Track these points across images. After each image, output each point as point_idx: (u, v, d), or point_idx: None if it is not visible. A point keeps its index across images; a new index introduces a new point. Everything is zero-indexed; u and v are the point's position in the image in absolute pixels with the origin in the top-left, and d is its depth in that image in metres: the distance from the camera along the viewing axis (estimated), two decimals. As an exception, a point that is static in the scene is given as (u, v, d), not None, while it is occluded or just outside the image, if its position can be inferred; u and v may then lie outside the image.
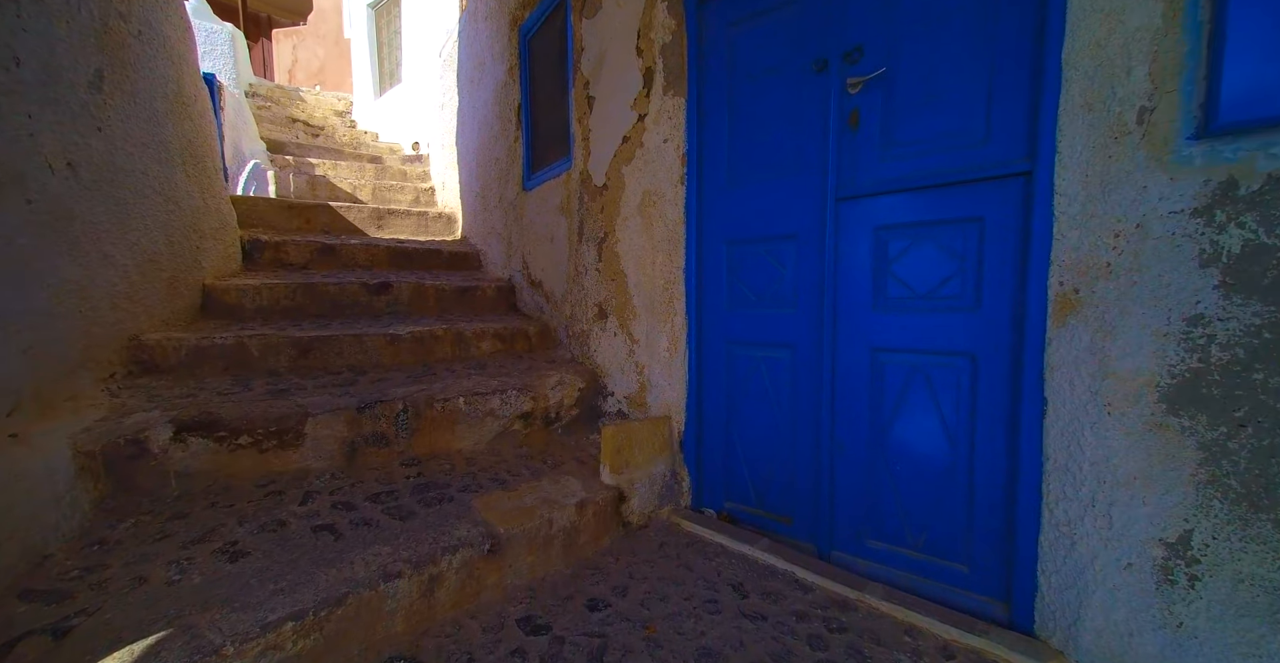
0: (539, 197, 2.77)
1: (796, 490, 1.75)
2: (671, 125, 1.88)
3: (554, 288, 2.68)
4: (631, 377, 2.13)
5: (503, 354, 2.53)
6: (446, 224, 4.19)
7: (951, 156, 1.39)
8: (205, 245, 2.45)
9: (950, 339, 1.42)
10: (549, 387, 2.12)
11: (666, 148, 1.90)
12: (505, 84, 3.09)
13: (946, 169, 1.39)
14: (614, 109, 2.11)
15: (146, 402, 1.63)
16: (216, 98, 4.16)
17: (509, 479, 1.76)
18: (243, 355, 2.01)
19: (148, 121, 2.04)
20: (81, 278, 1.63)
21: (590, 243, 2.30)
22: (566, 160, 2.51)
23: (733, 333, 1.86)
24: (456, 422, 1.91)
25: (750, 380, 1.84)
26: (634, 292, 2.09)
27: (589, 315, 2.35)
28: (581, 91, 2.28)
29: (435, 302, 2.86)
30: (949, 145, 1.39)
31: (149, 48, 2.07)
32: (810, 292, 1.67)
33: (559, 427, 2.15)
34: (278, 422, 1.62)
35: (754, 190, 1.77)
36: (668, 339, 1.98)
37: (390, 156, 5.96)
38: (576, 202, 2.39)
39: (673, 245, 1.93)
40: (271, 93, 7.56)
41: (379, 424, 1.77)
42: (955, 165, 1.38)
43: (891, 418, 1.54)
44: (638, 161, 2.01)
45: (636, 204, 2.04)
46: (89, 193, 1.70)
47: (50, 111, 1.56)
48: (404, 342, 2.28)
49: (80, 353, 1.60)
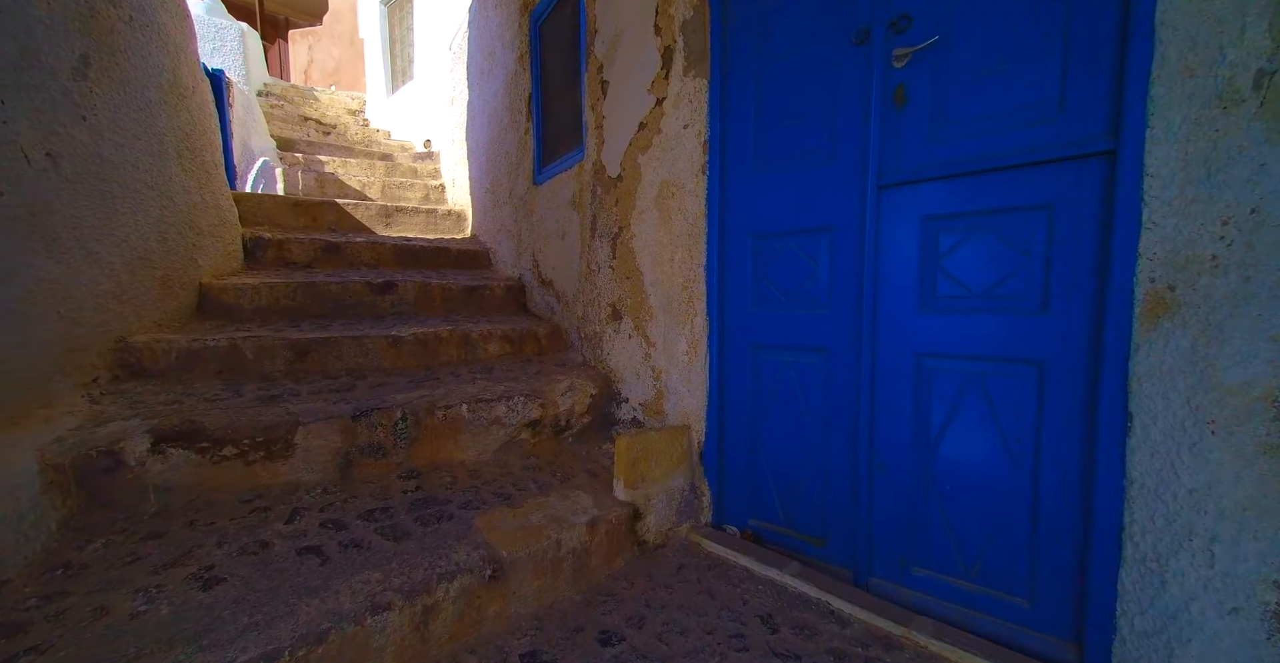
0: (550, 191, 2.63)
1: (829, 509, 1.58)
2: (692, 109, 1.73)
3: (565, 287, 2.54)
4: (647, 382, 1.98)
5: (511, 357, 2.39)
6: (456, 222, 4.08)
7: (1015, 135, 1.22)
8: (202, 243, 2.35)
9: (1012, 345, 1.25)
10: (559, 393, 1.98)
11: (687, 134, 1.75)
12: (515, 73, 2.95)
13: (1009, 150, 1.22)
14: (630, 94, 1.96)
15: (128, 409, 1.52)
16: (225, 94, 4.10)
17: (514, 494, 1.62)
18: (236, 359, 1.90)
19: (139, 112, 1.94)
20: (61, 276, 1.52)
21: (603, 239, 2.16)
22: (579, 151, 2.36)
23: (758, 336, 1.71)
24: (459, 431, 1.78)
25: (778, 388, 1.68)
26: (650, 291, 1.94)
27: (602, 316, 2.21)
28: (595, 76, 2.14)
29: (441, 302, 2.74)
30: (1012, 123, 1.22)
31: (141, 35, 1.97)
32: (846, 291, 1.50)
33: (569, 436, 2.01)
34: (266, 431, 1.50)
35: (783, 179, 1.61)
36: (686, 342, 1.83)
37: (401, 154, 5.88)
38: (589, 195, 2.25)
39: (693, 240, 1.77)
40: (285, 92, 7.55)
41: (376, 434, 1.64)
42: (1020, 145, 1.21)
43: (941, 432, 1.37)
44: (655, 150, 1.86)
45: (654, 196, 1.89)
46: (71, 185, 1.59)
47: (27, 98, 1.45)
48: (406, 344, 2.16)
49: (58, 357, 1.49)
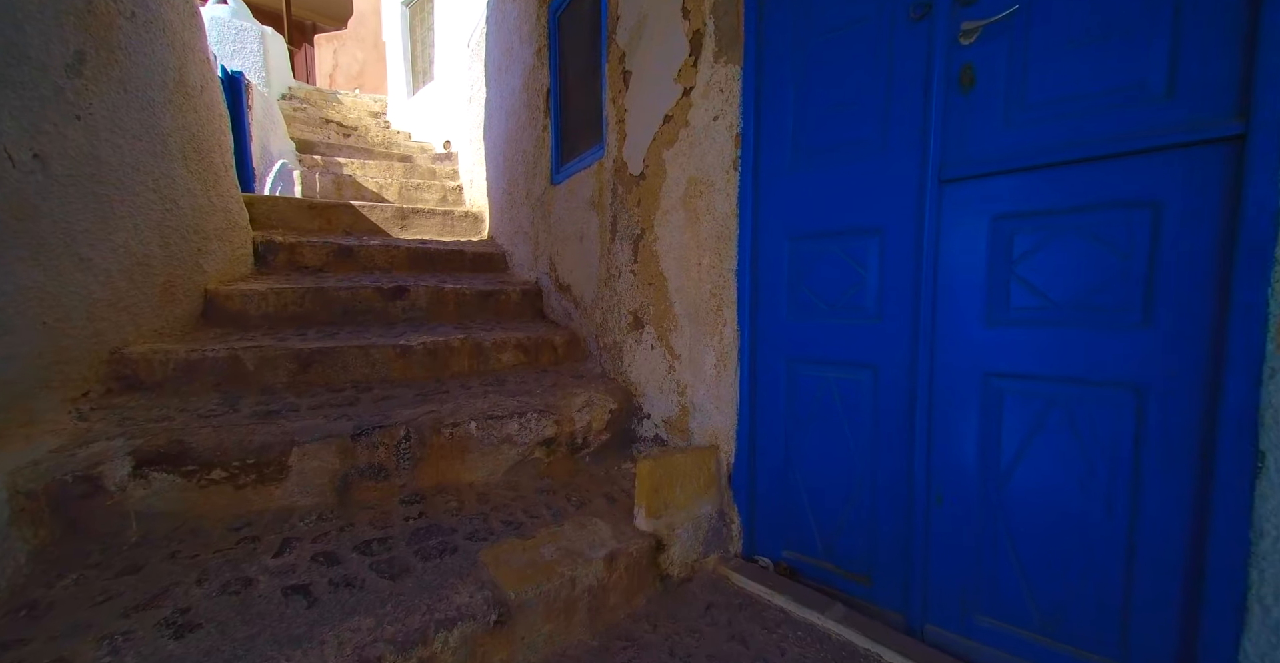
0: (568, 191, 2.49)
1: (877, 544, 1.40)
2: (724, 99, 1.57)
3: (583, 293, 2.39)
4: (671, 397, 1.82)
5: (525, 367, 2.26)
6: (473, 224, 3.98)
7: (1111, 119, 1.03)
8: (209, 247, 2.27)
9: (1103, 364, 1.06)
10: (575, 408, 1.83)
11: (717, 126, 1.59)
12: (533, 68, 2.83)
13: (1104, 136, 1.03)
14: (654, 84, 1.81)
15: (115, 426, 1.42)
16: (244, 97, 4.07)
17: (525, 522, 1.48)
18: (236, 370, 1.80)
19: (141, 111, 1.86)
20: (47, 284, 1.43)
21: (624, 241, 2.01)
22: (598, 148, 2.22)
23: (795, 348, 1.54)
24: (468, 450, 1.65)
25: (817, 406, 1.50)
26: (675, 298, 1.79)
27: (622, 325, 2.06)
28: (616, 66, 1.99)
29: (455, 307, 2.62)
30: (1108, 104, 1.03)
31: (144, 31, 1.89)
32: (900, 299, 1.32)
33: (586, 454, 1.86)
34: (258, 452, 1.39)
35: (826, 174, 1.44)
36: (715, 354, 1.67)
37: (421, 155, 5.83)
38: (609, 195, 2.10)
39: (722, 243, 1.61)
40: (309, 95, 7.60)
41: (377, 454, 1.52)
42: (1117, 130, 1.02)
43: (1014, 463, 1.18)
44: (682, 144, 1.70)
45: (679, 195, 1.74)
46: (61, 188, 1.50)
47: (13, 96, 1.36)
48: (415, 354, 2.04)
49: (42, 371, 1.40)
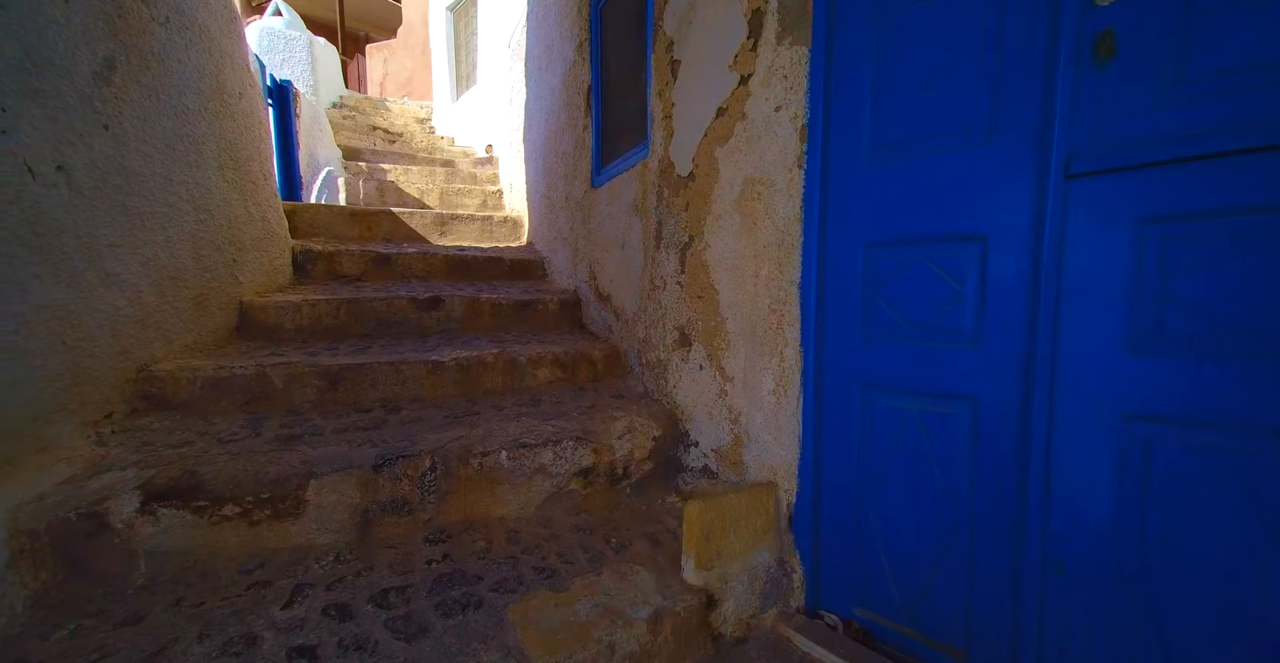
0: (609, 194, 2.33)
1: (975, 612, 1.16)
2: (787, 86, 1.36)
3: (625, 304, 2.22)
4: (723, 425, 1.62)
5: (562, 385, 2.11)
6: (512, 229, 3.89)
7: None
8: (245, 258, 2.23)
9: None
10: (615, 435, 1.66)
11: (779, 118, 1.38)
12: (575, 65, 2.68)
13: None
14: (706, 73, 1.61)
15: (133, 453, 1.35)
16: (292, 105, 4.12)
17: (559, 569, 1.32)
18: (264, 388, 1.72)
19: (174, 119, 1.81)
20: (68, 302, 1.37)
21: (670, 249, 1.82)
22: (642, 147, 2.04)
23: (871, 374, 1.31)
24: (498, 482, 1.50)
25: (898, 442, 1.27)
26: (727, 313, 1.59)
27: (667, 341, 1.87)
28: (663, 56, 1.81)
29: (491, 318, 2.50)
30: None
31: (179, 37, 1.85)
32: (1009, 320, 1.08)
33: (627, 486, 1.68)
34: (273, 485, 1.28)
35: (913, 170, 1.21)
36: (774, 378, 1.46)
37: (463, 160, 5.82)
38: (654, 197, 1.92)
39: (784, 251, 1.40)
40: (359, 104, 7.78)
41: (400, 487, 1.39)
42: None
43: (1167, 532, 0.93)
44: (738, 140, 1.50)
45: (734, 197, 1.54)
46: (87, 201, 1.45)
47: (34, 105, 1.31)
48: (447, 370, 1.92)
49: (60, 394, 1.34)
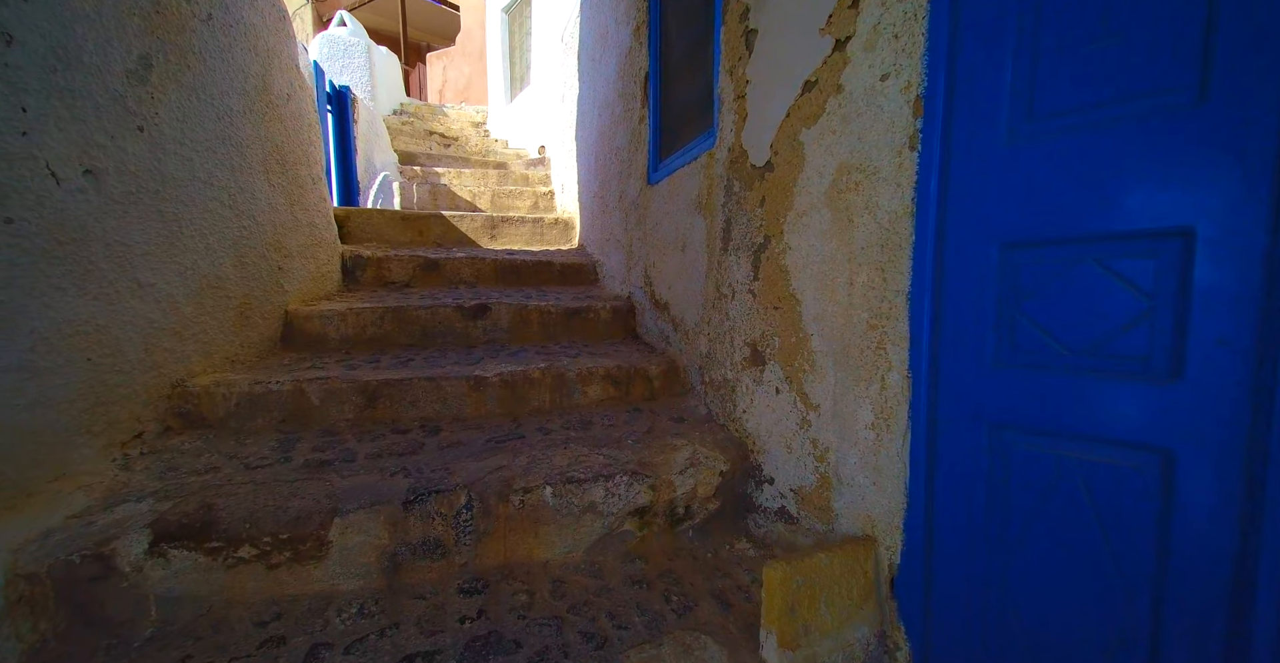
0: (667, 190, 2.10)
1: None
2: (897, 48, 1.08)
3: (684, 313, 1.99)
4: (805, 462, 1.36)
5: (614, 404, 1.90)
6: (563, 231, 3.73)
7: None
8: (291, 265, 2.16)
9: None
10: (676, 468, 1.43)
11: (886, 89, 1.11)
12: (630, 51, 2.47)
13: None
14: (790, 41, 1.36)
15: (155, 479, 1.25)
16: (350, 111, 4.14)
17: (610, 636, 1.10)
18: (300, 405, 1.61)
19: (216, 121, 1.73)
20: (94, 315, 1.29)
21: (741, 252, 1.57)
22: (707, 136, 1.80)
23: (1006, 410, 1.02)
24: (542, 521, 1.30)
25: (1045, 498, 0.98)
26: (812, 328, 1.32)
27: (736, 358, 1.62)
28: (736, 27, 1.56)
29: (539, 327, 2.33)
30: None
31: (222, 35, 1.77)
32: (1227, 344, 0.77)
33: (689, 528, 1.45)
34: (294, 524, 1.14)
35: (1075, 146, 0.91)
36: (873, 409, 1.19)
37: (515, 162, 5.76)
38: (721, 193, 1.68)
39: (888, 253, 1.13)
40: (418, 110, 7.94)
41: (432, 527, 1.22)
42: None
43: None
44: (830, 119, 1.24)
45: (823, 189, 1.27)
46: (118, 207, 1.37)
47: (60, 105, 1.22)
48: (491, 387, 1.75)
49: (83, 414, 1.25)
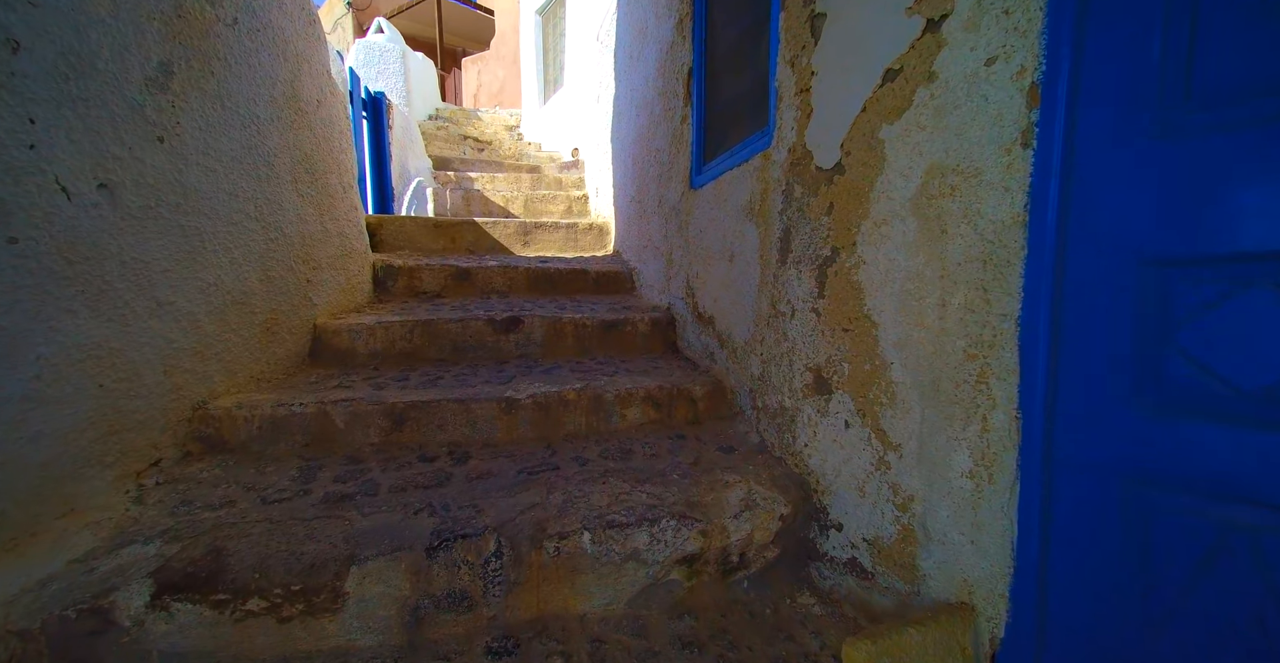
0: (713, 195, 1.94)
1: None
2: (1009, 26, 0.90)
3: (732, 329, 1.82)
4: (883, 509, 1.18)
5: (656, 428, 1.74)
6: (598, 236, 3.60)
7: None
8: (320, 277, 2.09)
9: None
10: (729, 511, 1.27)
11: (993, 75, 0.93)
12: (672, 46, 2.32)
13: None
14: (868, 24, 1.18)
15: (167, 515, 1.16)
16: (385, 117, 4.12)
17: (661, 719, 0.95)
18: (324, 428, 1.52)
19: (242, 130, 1.66)
20: (108, 338, 1.21)
21: (803, 265, 1.39)
22: (761, 135, 1.63)
23: (1152, 463, 0.83)
24: (579, 570, 1.16)
25: (1207, 572, 0.79)
26: (892, 355, 1.14)
27: (795, 385, 1.45)
28: (799, 12, 1.38)
29: (574, 340, 2.20)
30: None
31: (248, 40, 1.70)
32: None
33: (744, 578, 1.28)
34: (306, 574, 1.02)
35: (1256, 139, 0.71)
36: (971, 455, 1.00)
37: (549, 165, 5.68)
38: (778, 198, 1.50)
39: (992, 270, 0.94)
40: (453, 115, 7.98)
41: (458, 576, 1.09)
42: None
43: None
44: (919, 113, 1.06)
45: (908, 194, 1.09)
46: (135, 222, 1.29)
47: (73, 115, 1.15)
48: (523, 410, 1.62)
49: (92, 445, 1.17)
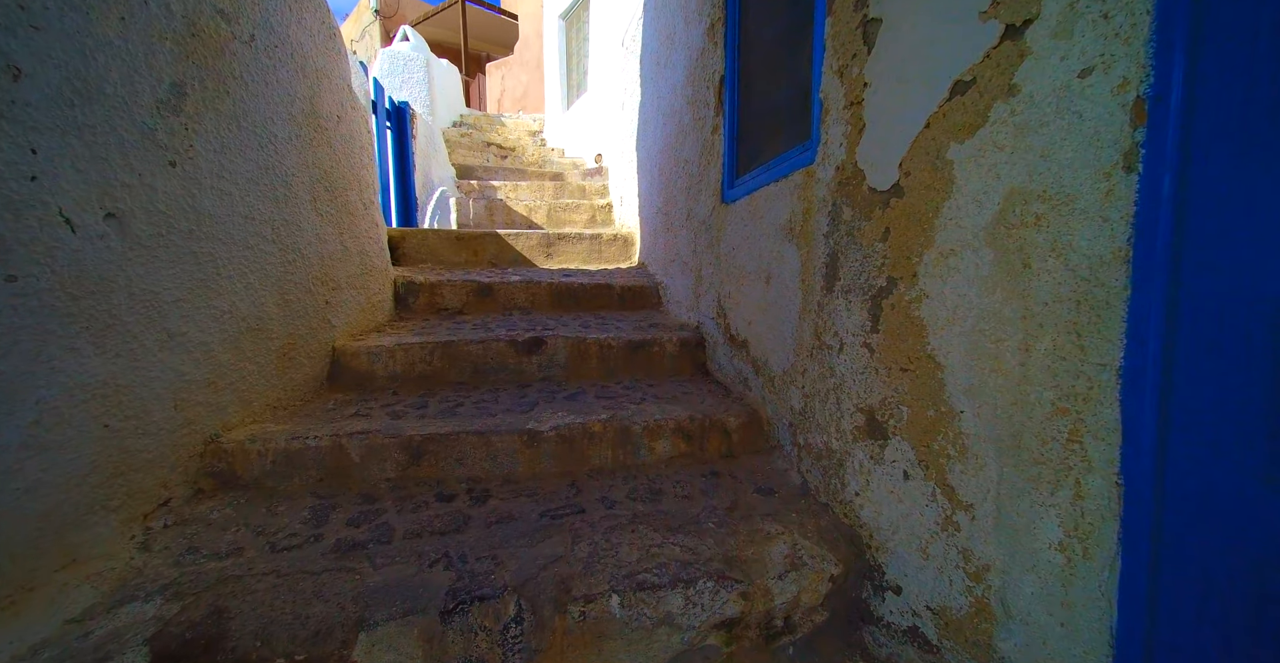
0: (747, 211, 1.82)
1: None
2: (1107, 33, 0.76)
3: (768, 356, 1.70)
4: (951, 575, 1.04)
5: (687, 463, 1.63)
6: (623, 247, 3.51)
7: None
8: (339, 298, 2.04)
9: None
10: (772, 569, 1.15)
11: (1088, 89, 0.79)
12: (703, 53, 2.20)
13: None
14: (931, 32, 1.05)
15: (172, 567, 1.09)
16: (409, 127, 4.10)
17: None
18: (339, 463, 1.45)
19: (259, 150, 1.61)
20: (115, 375, 1.16)
21: (853, 295, 1.27)
22: (804, 149, 1.51)
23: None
24: (606, 635, 1.06)
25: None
26: (962, 403, 1.01)
27: (844, 426, 1.32)
28: (850, 17, 1.26)
29: (598, 362, 2.10)
30: None
31: (266, 57, 1.65)
32: None
33: (789, 644, 1.16)
34: (312, 641, 0.94)
35: None
36: (1060, 523, 0.86)
37: (572, 172, 5.62)
38: (823, 219, 1.38)
39: (1088, 313, 0.81)
40: (477, 121, 8.00)
41: (475, 644, 1.00)
42: None
43: None
44: (995, 132, 0.93)
45: (982, 223, 0.96)
46: (145, 252, 1.24)
47: (78, 142, 1.09)
48: (545, 442, 1.53)
49: (96, 490, 1.12)
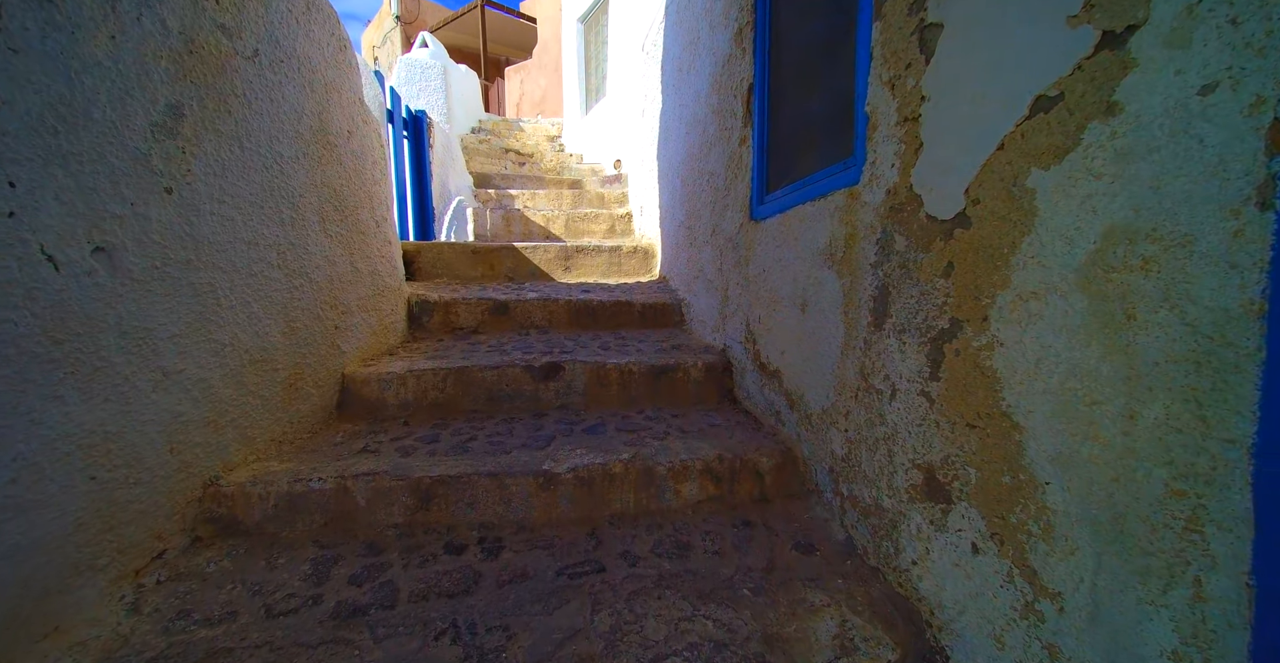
0: (779, 231, 1.69)
1: None
2: (1235, 42, 0.62)
3: (804, 391, 1.56)
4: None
5: (715, 508, 1.50)
6: (643, 260, 3.39)
7: None
8: (350, 322, 1.96)
9: None
10: (819, 655, 1.01)
11: (1209, 109, 0.65)
12: (729, 59, 2.07)
13: None
14: (1005, 39, 0.91)
15: (160, 635, 1.00)
16: (426, 137, 4.04)
17: None
18: (344, 507, 1.36)
19: (263, 171, 1.53)
20: (102, 422, 1.08)
21: (907, 335, 1.13)
22: (845, 167, 1.37)
23: None
24: (632, 724, 0.94)
25: None
26: (1047, 472, 0.87)
27: (898, 482, 1.18)
28: (903, 21, 1.12)
29: (619, 389, 1.99)
30: None
31: (271, 73, 1.57)
32: None
33: (836, 731, 1.03)
34: (303, 735, 0.85)
35: None
36: (1175, 626, 0.72)
37: (590, 178, 5.52)
38: (870, 247, 1.24)
39: (1210, 377, 0.66)
40: (495, 126, 7.96)
41: (484, 737, 0.89)
42: None
43: None
44: (1089, 157, 0.78)
45: (1072, 264, 0.82)
46: (137, 286, 1.16)
47: (63, 173, 1.02)
48: (562, 485, 1.42)
49: (81, 549, 1.04)
